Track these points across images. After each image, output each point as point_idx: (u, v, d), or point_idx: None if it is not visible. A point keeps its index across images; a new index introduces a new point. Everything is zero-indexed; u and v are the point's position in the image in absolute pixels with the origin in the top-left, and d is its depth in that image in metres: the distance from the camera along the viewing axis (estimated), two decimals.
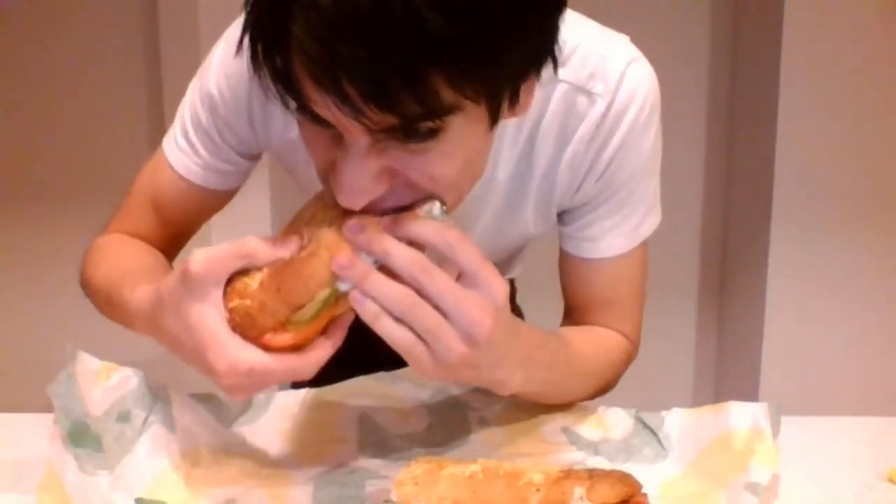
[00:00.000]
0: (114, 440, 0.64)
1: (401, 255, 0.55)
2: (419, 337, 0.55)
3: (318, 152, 0.58)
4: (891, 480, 0.67)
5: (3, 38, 1.92)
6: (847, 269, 1.84)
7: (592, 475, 0.59)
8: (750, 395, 1.90)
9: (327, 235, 0.56)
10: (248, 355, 0.55)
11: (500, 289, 0.57)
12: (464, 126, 0.54)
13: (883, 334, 1.85)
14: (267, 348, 0.56)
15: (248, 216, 0.88)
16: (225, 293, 0.56)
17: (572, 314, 0.84)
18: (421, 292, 0.55)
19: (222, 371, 0.55)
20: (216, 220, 0.87)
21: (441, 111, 0.51)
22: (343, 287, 0.55)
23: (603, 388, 0.80)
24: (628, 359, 0.83)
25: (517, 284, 1.16)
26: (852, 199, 1.81)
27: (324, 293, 0.55)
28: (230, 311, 0.56)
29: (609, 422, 0.74)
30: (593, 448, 0.72)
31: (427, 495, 0.59)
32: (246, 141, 0.78)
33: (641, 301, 0.84)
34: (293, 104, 0.53)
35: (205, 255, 0.56)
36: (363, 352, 0.72)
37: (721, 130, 2.10)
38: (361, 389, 0.80)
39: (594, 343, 0.79)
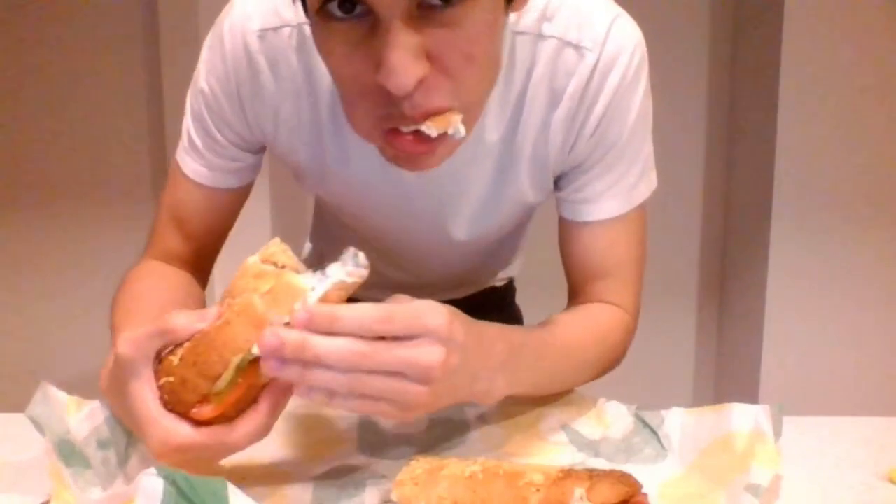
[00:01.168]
0: (101, 464, 0.64)
1: (331, 354, 0.53)
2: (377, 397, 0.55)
3: (352, 60, 0.59)
4: (891, 480, 0.66)
5: (2, 38, 1.92)
6: (847, 269, 1.84)
7: (592, 475, 0.59)
8: (750, 394, 1.90)
9: (240, 302, 0.56)
10: (178, 432, 0.56)
11: (439, 322, 0.55)
12: None
13: (883, 334, 1.86)
14: (198, 423, 0.56)
15: (248, 220, 0.88)
16: (157, 371, 0.57)
17: (574, 292, 0.84)
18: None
19: (154, 449, 0.56)
20: None
21: None
22: (258, 351, 0.55)
23: (606, 370, 0.80)
24: (629, 334, 0.83)
25: (516, 284, 1.17)
26: (852, 199, 1.82)
27: (237, 359, 0.55)
28: (160, 388, 0.57)
29: (609, 418, 0.74)
30: (593, 449, 0.72)
31: (427, 495, 0.59)
32: (242, 133, 0.79)
33: (641, 269, 0.83)
34: (318, 1, 0.56)
35: (130, 336, 0.57)
36: None
37: (721, 130, 2.10)
38: None
39: (592, 328, 0.78)
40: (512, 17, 0.70)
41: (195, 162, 0.80)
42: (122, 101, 1.94)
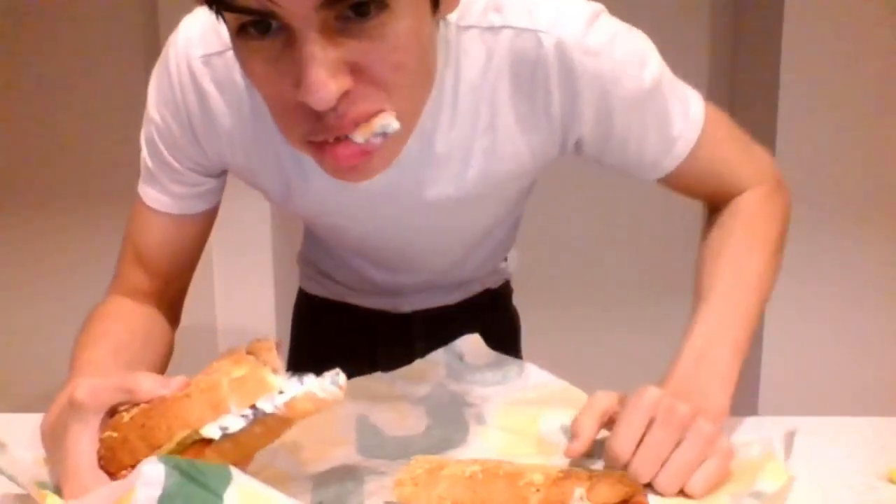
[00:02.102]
0: None
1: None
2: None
3: (272, 77, 0.58)
4: (891, 480, 0.66)
5: (2, 39, 1.92)
6: (847, 268, 1.84)
7: (592, 475, 0.59)
8: (750, 395, 1.90)
9: (207, 381, 0.56)
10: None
11: (651, 396, 0.65)
12: (408, 2, 0.56)
13: (883, 334, 1.85)
14: None
15: (248, 222, 0.88)
16: (106, 424, 0.57)
17: (709, 205, 0.86)
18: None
19: (67, 498, 0.55)
20: (218, 234, 0.87)
21: None
22: (207, 433, 0.55)
23: (784, 237, 0.85)
24: (781, 196, 0.84)
25: (513, 285, 1.16)
26: (852, 198, 1.82)
27: (182, 434, 0.55)
28: (101, 441, 0.57)
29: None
30: (593, 449, 0.71)
31: (427, 495, 0.59)
32: (197, 159, 0.77)
33: (748, 143, 0.83)
34: (236, 22, 0.55)
35: (90, 384, 0.57)
36: (363, 355, 0.72)
37: None
38: (358, 390, 0.80)
39: (745, 234, 0.80)
40: (454, 15, 0.68)
41: (156, 191, 0.79)
42: (122, 104, 1.93)
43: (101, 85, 1.93)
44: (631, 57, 0.72)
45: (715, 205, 0.84)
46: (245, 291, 1.87)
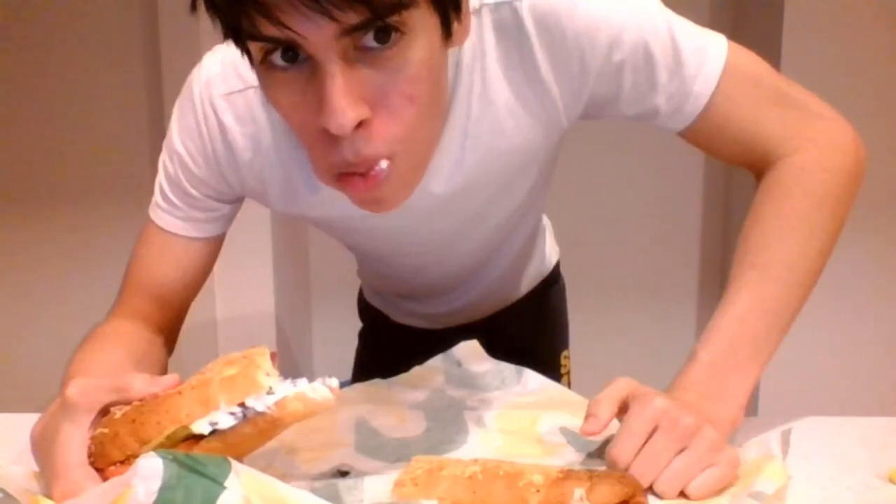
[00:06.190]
0: None
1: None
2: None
3: (298, 107, 0.59)
4: (891, 480, 0.66)
5: (2, 40, 1.92)
6: (846, 269, 1.84)
7: (592, 476, 0.59)
8: (750, 395, 1.90)
9: (199, 379, 0.57)
10: (85, 486, 0.55)
11: (657, 405, 0.63)
12: (422, 31, 0.58)
13: (883, 335, 1.85)
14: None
15: (249, 222, 0.88)
16: (97, 423, 0.58)
17: (746, 168, 0.79)
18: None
19: (56, 496, 0.56)
20: None
21: (403, 1, 0.55)
22: (196, 428, 0.55)
23: (844, 214, 0.78)
24: (837, 163, 0.79)
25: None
26: None
27: (171, 429, 0.55)
28: (92, 438, 0.57)
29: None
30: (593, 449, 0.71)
31: (427, 495, 0.59)
32: (220, 189, 0.80)
33: (797, 98, 0.76)
34: (260, 52, 0.57)
35: (83, 382, 0.58)
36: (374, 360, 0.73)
37: None
38: (357, 396, 0.80)
39: (775, 216, 0.74)
40: None
41: (169, 215, 0.80)
42: (123, 104, 1.94)
43: (100, 86, 1.93)
44: (615, 5, 0.69)
45: (755, 171, 0.78)
46: (245, 291, 1.87)
